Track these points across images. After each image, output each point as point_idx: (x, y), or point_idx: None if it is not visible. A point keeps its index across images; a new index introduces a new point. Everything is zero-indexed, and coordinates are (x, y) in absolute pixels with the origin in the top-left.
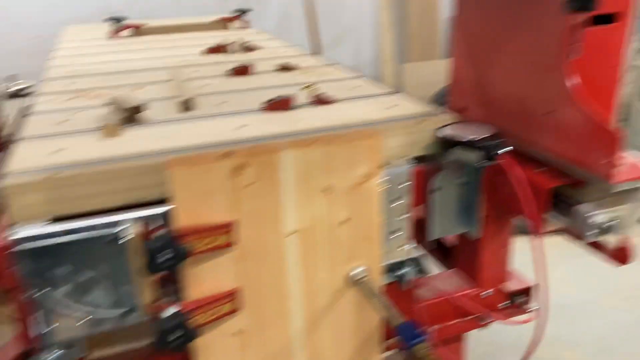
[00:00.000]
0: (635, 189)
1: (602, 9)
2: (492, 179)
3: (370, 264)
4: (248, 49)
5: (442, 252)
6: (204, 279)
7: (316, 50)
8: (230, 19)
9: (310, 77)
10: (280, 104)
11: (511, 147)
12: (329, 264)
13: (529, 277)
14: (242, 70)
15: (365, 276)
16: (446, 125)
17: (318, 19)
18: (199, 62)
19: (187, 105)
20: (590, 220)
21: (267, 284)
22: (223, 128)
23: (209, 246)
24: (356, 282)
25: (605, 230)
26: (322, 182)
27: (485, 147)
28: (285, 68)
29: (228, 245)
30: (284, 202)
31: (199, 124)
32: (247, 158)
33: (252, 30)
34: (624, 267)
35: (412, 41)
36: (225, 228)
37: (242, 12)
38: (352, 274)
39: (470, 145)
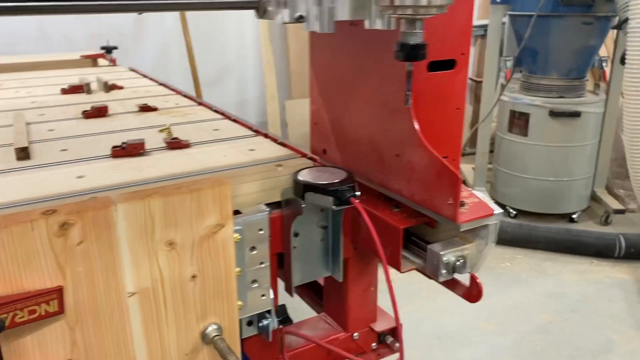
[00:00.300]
0: (481, 228)
1: (441, 56)
2: (353, 221)
3: (226, 319)
4: (110, 88)
5: (318, 294)
6: (29, 354)
7: (196, 86)
8: (95, 56)
9: (171, 119)
10: (129, 150)
11: (359, 193)
12: (179, 323)
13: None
14: (97, 112)
15: (218, 334)
16: (303, 169)
17: (193, 58)
18: (54, 103)
19: (22, 154)
20: (440, 260)
21: (108, 351)
22: (58, 179)
23: (34, 316)
24: (211, 341)
25: (454, 269)
26: (164, 236)
27: (336, 192)
28: (145, 109)
29: (58, 312)
30: (122, 260)
31: (33, 174)
32: (71, 216)
33: (120, 67)
34: (497, 293)
35: (293, 79)
36: (53, 293)
37: (107, 50)
38: (206, 332)
39: (322, 190)
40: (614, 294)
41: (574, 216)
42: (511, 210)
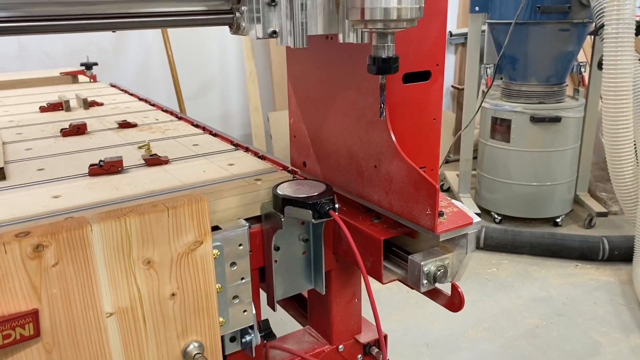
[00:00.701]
0: (460, 237)
1: (416, 68)
2: (334, 233)
3: (207, 337)
4: (90, 104)
5: (302, 307)
6: None
7: (179, 100)
8: (74, 73)
9: (150, 135)
10: (107, 168)
11: (337, 206)
12: (159, 342)
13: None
14: (75, 130)
15: (199, 352)
16: (282, 183)
17: (175, 72)
18: (32, 122)
19: None
20: (421, 270)
21: None
22: (34, 200)
23: (9, 340)
24: (192, 359)
25: (435, 278)
26: (142, 254)
27: (315, 205)
28: (125, 125)
29: (34, 336)
30: (99, 280)
31: (8, 195)
32: (45, 237)
33: (100, 84)
34: (484, 299)
35: (276, 90)
36: (28, 317)
37: (87, 66)
38: (187, 350)
39: (301, 204)
40: (599, 297)
41: (557, 220)
42: (496, 216)
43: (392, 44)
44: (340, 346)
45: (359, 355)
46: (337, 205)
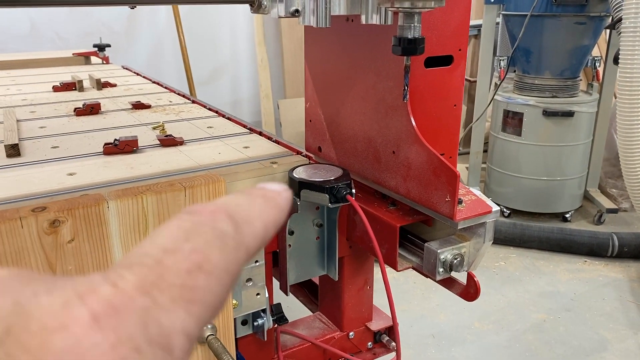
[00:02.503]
0: (478, 226)
1: (438, 52)
2: (348, 219)
3: (220, 319)
4: (103, 85)
5: (312, 293)
6: None
7: (189, 85)
8: (87, 54)
9: (164, 116)
10: (121, 147)
11: (353, 191)
12: None
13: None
14: (89, 109)
15: (212, 334)
16: (298, 167)
17: (187, 57)
18: (45, 100)
19: (12, 151)
20: (437, 258)
21: None
22: (49, 177)
23: None
24: (205, 341)
25: (451, 267)
26: None
27: (332, 190)
28: (138, 106)
29: None
30: (114, 258)
31: (23, 172)
32: (62, 213)
33: (113, 65)
34: (491, 292)
35: (287, 78)
36: None
37: (100, 48)
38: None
39: (318, 187)
40: (607, 293)
41: (567, 215)
42: (505, 210)
43: (419, 24)
44: (351, 333)
45: (369, 343)
46: (353, 191)
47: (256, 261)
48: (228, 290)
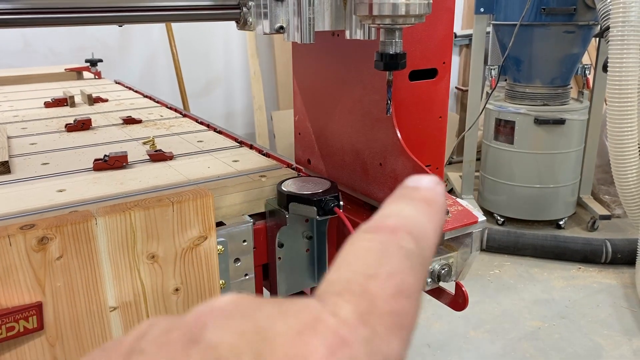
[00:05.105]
0: (465, 236)
1: (422, 65)
2: (338, 231)
3: None
4: (94, 100)
5: None
6: None
7: (183, 98)
8: (79, 69)
9: (155, 131)
10: (111, 162)
11: (341, 203)
12: None
13: None
14: (80, 125)
15: None
16: (287, 180)
17: (180, 70)
18: (36, 117)
19: (2, 168)
20: None
21: None
22: (38, 193)
23: (12, 333)
24: None
25: (439, 277)
26: (146, 249)
27: (320, 202)
28: (129, 121)
29: (37, 329)
30: (103, 274)
31: (13, 189)
32: (50, 230)
33: (105, 80)
34: (486, 300)
35: (280, 90)
36: (32, 309)
37: (92, 63)
38: None
39: (306, 200)
40: (602, 300)
41: (560, 222)
42: (499, 218)
43: (400, 40)
44: None
45: None
46: (341, 203)
47: (246, 274)
48: (420, 309)
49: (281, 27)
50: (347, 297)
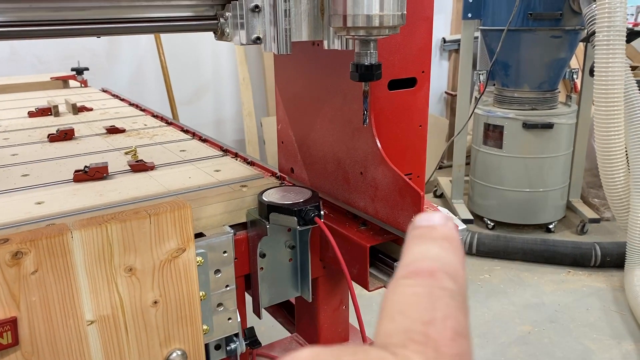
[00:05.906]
0: None
1: (401, 75)
2: (321, 240)
3: (190, 345)
4: (79, 110)
5: (291, 314)
6: None
7: (171, 106)
8: (65, 78)
9: (138, 140)
10: (91, 174)
11: (322, 213)
12: (141, 350)
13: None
14: (63, 135)
15: None
16: (268, 190)
17: (168, 77)
18: (20, 127)
19: None
20: None
21: None
22: (16, 206)
23: None
24: None
25: None
26: (123, 261)
27: (300, 212)
28: (113, 131)
29: (12, 344)
30: (80, 288)
31: None
32: (24, 244)
33: (91, 89)
34: (476, 305)
35: (269, 96)
36: (6, 325)
37: (78, 71)
38: (170, 358)
39: (286, 210)
40: (591, 303)
41: (550, 226)
42: (489, 222)
43: (375, 51)
44: None
45: None
46: (322, 212)
47: (227, 286)
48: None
49: (258, 38)
50: (413, 347)
